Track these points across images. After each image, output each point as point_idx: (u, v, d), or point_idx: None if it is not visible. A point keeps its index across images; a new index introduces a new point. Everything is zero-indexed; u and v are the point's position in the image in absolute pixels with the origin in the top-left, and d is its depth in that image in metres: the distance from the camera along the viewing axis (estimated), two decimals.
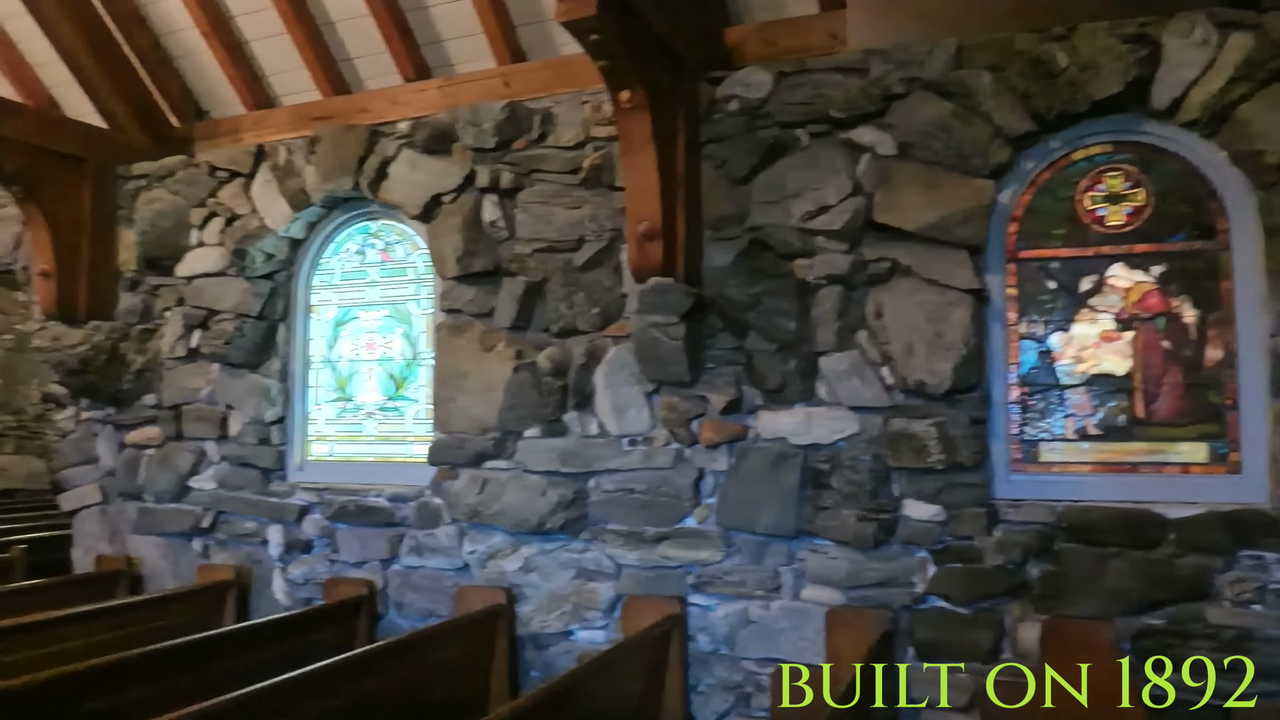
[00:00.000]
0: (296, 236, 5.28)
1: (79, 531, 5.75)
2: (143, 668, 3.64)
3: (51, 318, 5.43)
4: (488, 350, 4.59)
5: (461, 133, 4.70)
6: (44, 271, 5.29)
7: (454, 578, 4.67)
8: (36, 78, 6.16)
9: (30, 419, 12.51)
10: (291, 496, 5.08)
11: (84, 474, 5.70)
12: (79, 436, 5.73)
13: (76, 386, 5.46)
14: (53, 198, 5.31)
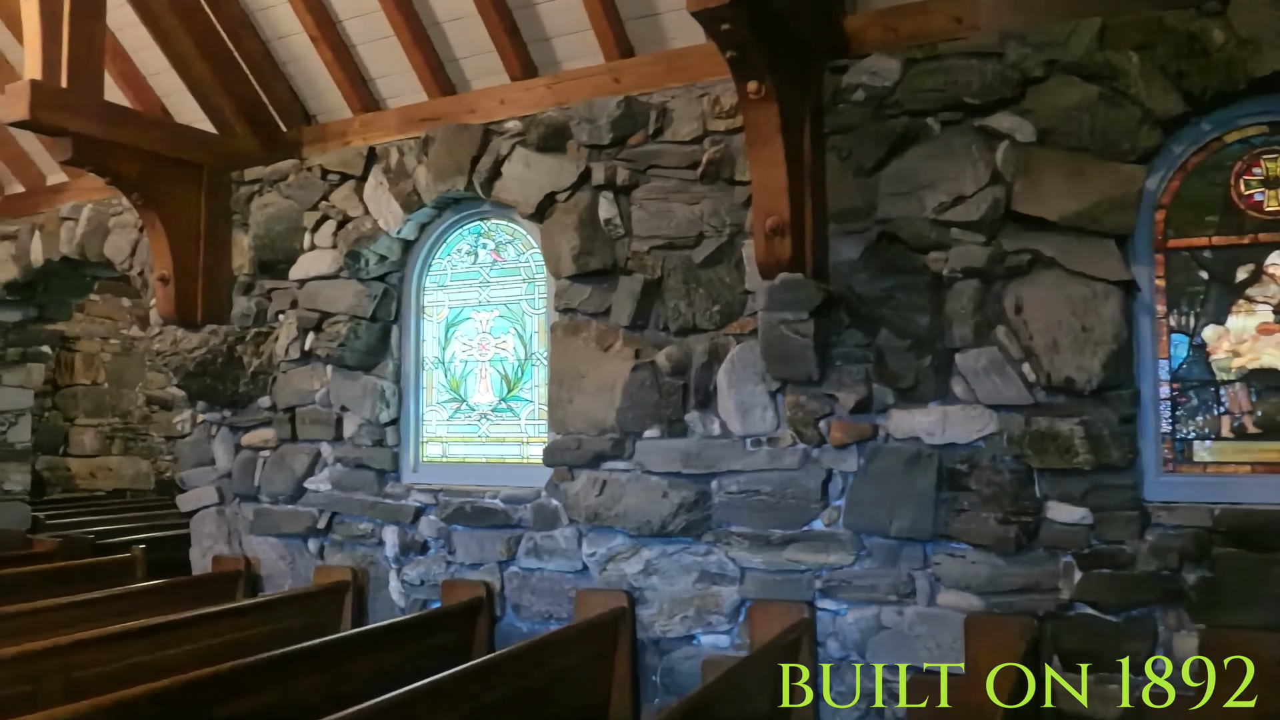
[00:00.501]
0: (408, 238, 5.29)
1: (196, 532, 5.84)
2: (265, 673, 3.65)
3: (170, 322, 5.53)
4: (605, 350, 4.52)
5: (576, 130, 4.64)
6: (163, 277, 5.38)
7: (573, 580, 4.62)
8: (149, 87, 6.29)
9: (136, 421, 12.88)
10: (406, 498, 5.09)
11: (201, 475, 5.79)
12: (196, 439, 5.82)
13: (194, 389, 5.54)
14: (170, 204, 5.39)
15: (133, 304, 12.63)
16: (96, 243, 6.43)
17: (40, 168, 7.51)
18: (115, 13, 5.70)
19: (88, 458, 12.20)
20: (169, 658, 4.26)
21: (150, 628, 4.24)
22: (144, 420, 13.00)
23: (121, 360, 12.68)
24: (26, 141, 7.38)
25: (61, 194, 7.26)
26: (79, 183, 7.17)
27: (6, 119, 4.67)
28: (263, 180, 5.62)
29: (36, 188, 7.54)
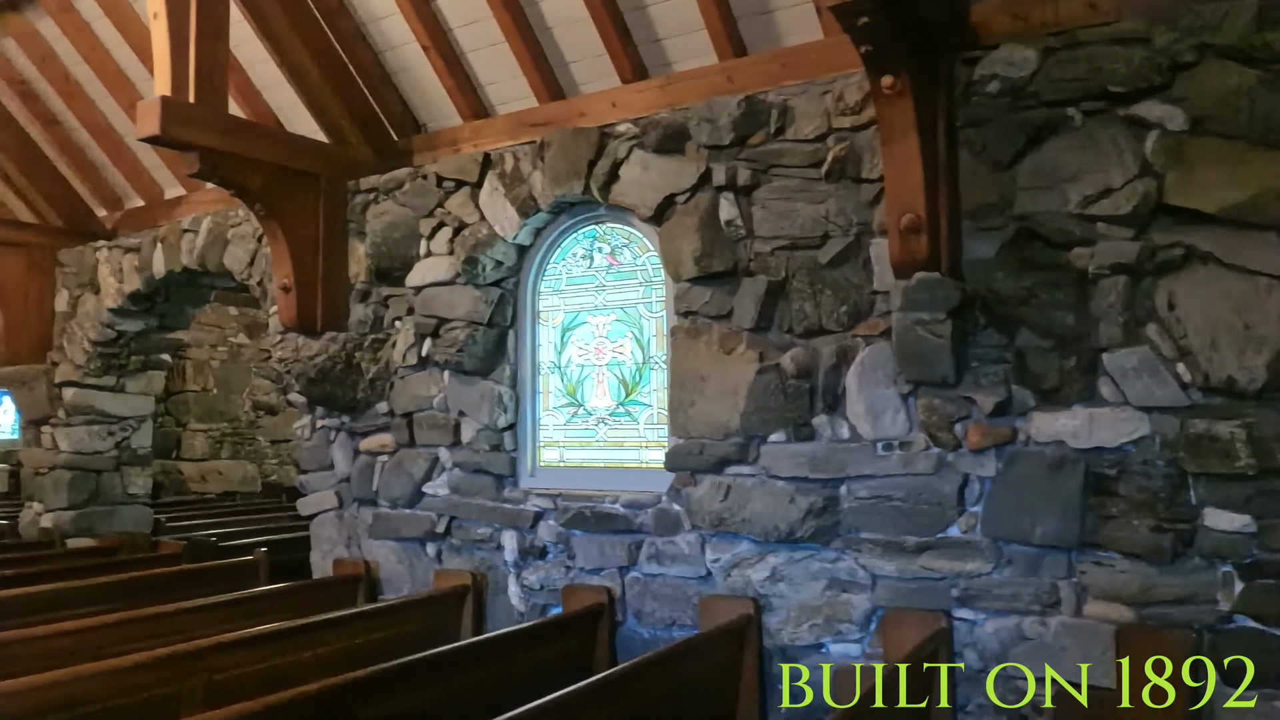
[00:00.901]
0: (523, 243, 5.30)
1: (317, 535, 5.95)
2: (404, 677, 3.67)
3: (291, 329, 5.64)
4: (728, 353, 4.46)
5: (695, 130, 4.59)
6: (284, 285, 5.49)
7: (696, 586, 4.56)
8: (264, 101, 6.44)
9: (243, 426, 13.26)
10: (525, 503, 5.09)
11: (321, 480, 5.89)
12: (315, 444, 5.92)
13: (315, 395, 5.64)
14: (290, 214, 5.50)
15: (239, 312, 13.02)
16: (216, 253, 6.61)
17: (159, 182, 7.76)
18: (233, 29, 5.83)
19: (198, 461, 12.60)
20: (302, 661, 4.33)
21: (283, 631, 4.32)
22: (250, 425, 13.39)
23: (229, 367, 13.08)
24: (146, 156, 7.64)
25: (179, 207, 7.49)
26: (195, 196, 7.40)
27: (140, 134, 4.81)
28: (378, 189, 5.70)
29: (155, 201, 7.79)
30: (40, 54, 7.44)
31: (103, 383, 7.70)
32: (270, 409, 13.52)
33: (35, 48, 7.41)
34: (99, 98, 7.47)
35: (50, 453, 7.72)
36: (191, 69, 4.92)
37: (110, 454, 7.83)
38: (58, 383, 7.69)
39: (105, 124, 7.61)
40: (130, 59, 6.99)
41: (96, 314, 7.51)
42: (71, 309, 7.73)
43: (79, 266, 7.74)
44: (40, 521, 7.73)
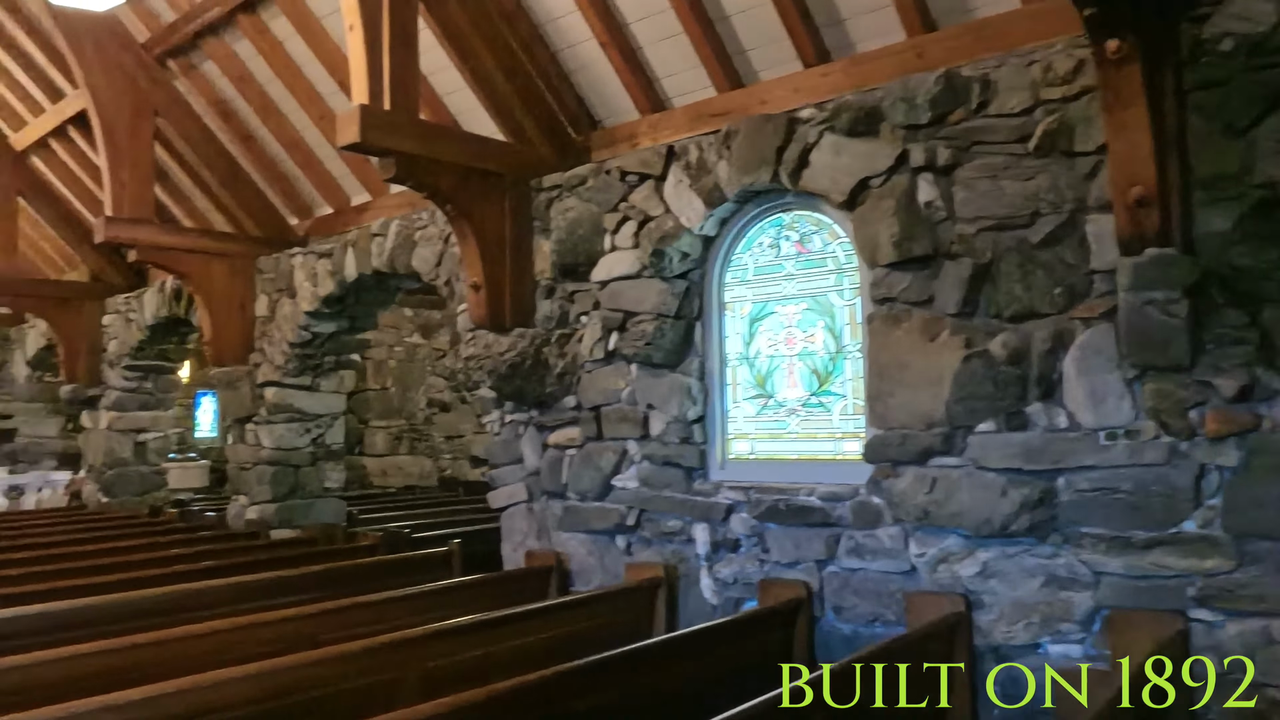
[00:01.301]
0: (709, 234, 5.26)
1: (507, 528, 6.08)
2: (596, 675, 3.65)
3: (481, 327, 5.78)
4: (930, 340, 4.29)
5: (890, 111, 4.44)
6: (474, 284, 5.63)
7: (899, 581, 4.42)
8: (444, 106, 6.63)
9: (420, 423, 13.79)
10: (716, 495, 5.06)
11: (511, 473, 6.02)
12: (505, 438, 6.05)
13: (506, 391, 5.76)
14: (479, 214, 5.64)
15: (414, 314, 13.53)
16: (404, 255, 6.85)
17: (345, 190, 8.12)
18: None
19: (379, 457, 13.17)
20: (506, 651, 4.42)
21: (489, 621, 4.41)
22: (426, 422, 13.91)
23: (405, 366, 13.62)
24: (334, 166, 8.01)
25: (365, 213, 7.82)
26: (380, 201, 7.70)
27: (340, 143, 5.01)
28: (561, 186, 5.77)
29: (343, 209, 8.16)
30: (238, 74, 7.90)
31: (299, 382, 8.13)
32: (444, 406, 14.01)
33: (233, 69, 7.88)
34: (291, 112, 7.87)
35: (254, 449, 8.20)
36: (386, 78, 5.10)
37: (307, 450, 8.26)
38: (259, 383, 8.16)
39: (297, 138, 8.02)
40: (320, 74, 7.33)
41: (293, 317, 7.92)
42: (270, 313, 8.18)
43: (276, 273, 8.19)
44: (246, 514, 8.22)
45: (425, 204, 6.89)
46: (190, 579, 5.65)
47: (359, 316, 8.06)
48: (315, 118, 7.64)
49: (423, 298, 12.97)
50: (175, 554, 6.75)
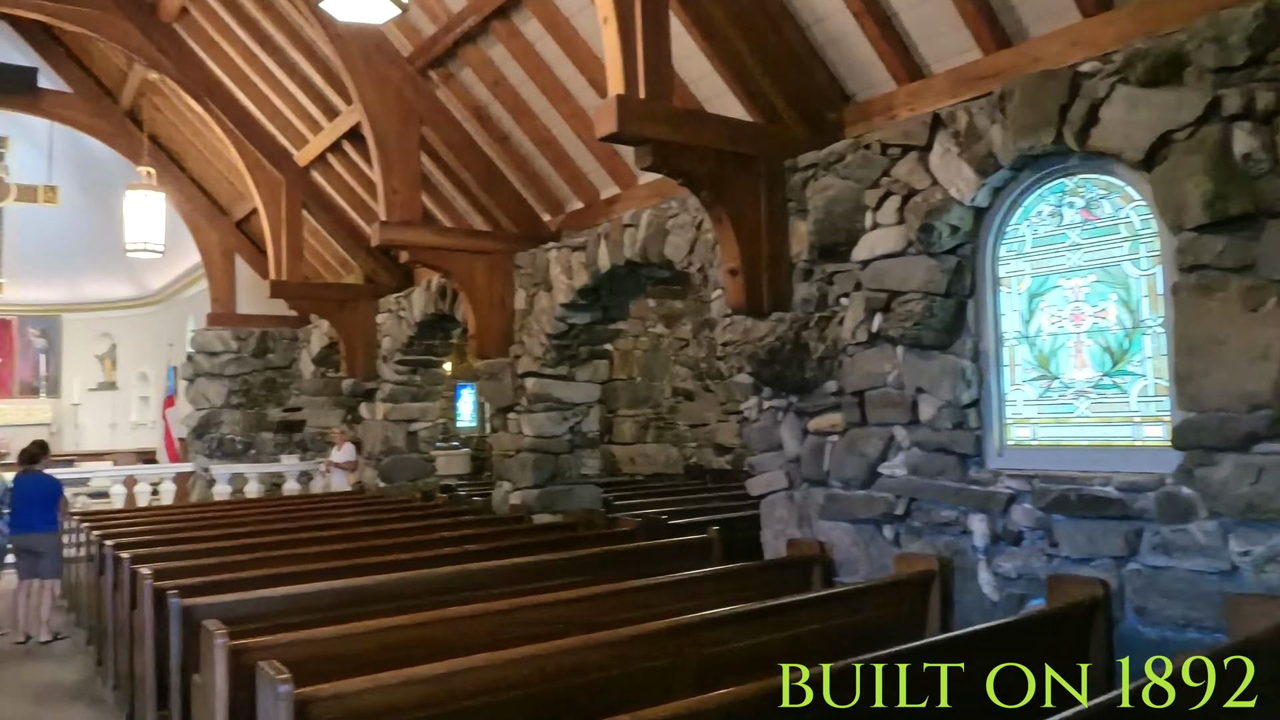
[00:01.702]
0: (981, 205, 4.92)
1: (767, 516, 5.99)
2: (871, 673, 3.45)
3: (739, 312, 5.71)
4: (1252, 310, 3.79)
5: (1196, 54, 3.95)
6: (731, 269, 5.56)
7: (1216, 582, 3.94)
8: (692, 95, 6.61)
9: (665, 411, 13.99)
10: (995, 484, 4.73)
11: (769, 460, 5.92)
12: (763, 424, 5.96)
13: (766, 376, 5.66)
14: (734, 198, 5.56)
15: (658, 304, 13.72)
16: (657, 244, 6.90)
17: (595, 184, 8.30)
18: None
19: (627, 445, 13.46)
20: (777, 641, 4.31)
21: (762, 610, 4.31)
22: (671, 410, 14.09)
23: (650, 356, 13.85)
24: (583, 162, 8.20)
25: (614, 206, 7.95)
26: (628, 194, 7.81)
27: (600, 134, 5.07)
28: (817, 164, 5.59)
29: (592, 202, 8.35)
30: (492, 79, 8.25)
31: (557, 372, 8.40)
32: (688, 395, 14.13)
33: (488, 74, 8.23)
34: (542, 112, 8.13)
35: (516, 437, 8.56)
36: (640, 67, 5.11)
37: (565, 438, 8.52)
38: (520, 374, 8.50)
39: (549, 136, 8.27)
40: (569, 72, 7.52)
41: (550, 309, 8.18)
42: (528, 306, 8.50)
43: (533, 267, 8.49)
44: (510, 499, 8.59)
45: (675, 192, 6.92)
46: (466, 560, 5.94)
47: (611, 307, 8.21)
48: (566, 115, 7.85)
49: (666, 288, 13.13)
50: (450, 535, 7.14)
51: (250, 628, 4.18)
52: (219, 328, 13.90)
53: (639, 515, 7.63)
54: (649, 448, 13.77)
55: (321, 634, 3.78)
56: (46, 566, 7.97)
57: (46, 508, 8.00)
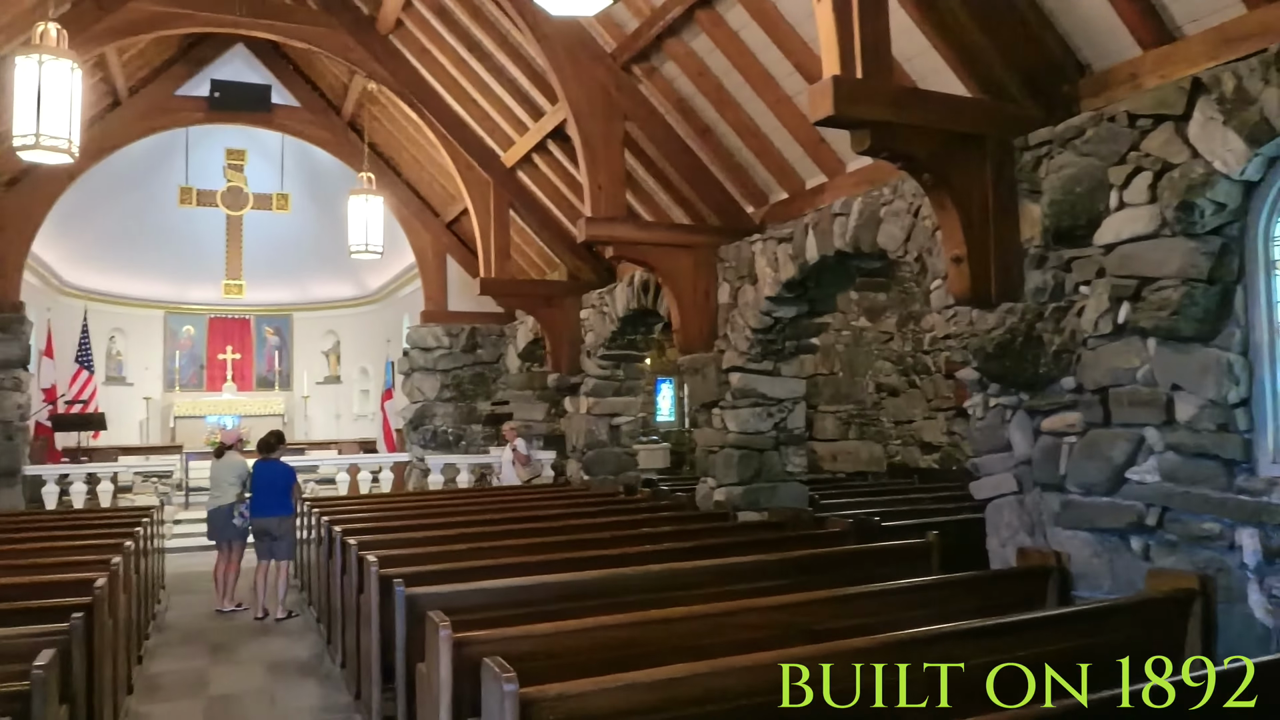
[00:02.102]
0: (1251, 179, 4.37)
1: (993, 521, 5.59)
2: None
3: (963, 302, 5.35)
4: None
5: None
6: (956, 256, 5.21)
7: None
8: (905, 73, 6.26)
9: (868, 407, 13.53)
10: (1269, 494, 4.19)
11: (997, 461, 5.52)
12: (989, 423, 5.56)
13: (993, 371, 5.28)
14: (958, 181, 5.21)
15: (859, 297, 13.28)
16: (869, 233, 6.59)
17: (800, 174, 8.06)
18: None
19: (829, 441, 13.10)
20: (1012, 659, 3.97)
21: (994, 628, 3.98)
22: (874, 407, 13.61)
23: (852, 350, 13.43)
24: (788, 150, 7.97)
25: (820, 195, 7.68)
26: (836, 182, 7.52)
27: (814, 117, 4.85)
28: (1052, 142, 5.15)
29: (797, 193, 8.10)
30: (695, 69, 8.15)
31: (762, 367, 8.21)
32: (892, 391, 13.61)
33: (691, 65, 8.14)
34: (746, 101, 7.96)
35: (720, 432, 8.44)
36: (857, 45, 4.85)
37: (770, 434, 8.33)
38: (724, 368, 8.37)
39: (752, 125, 8.10)
40: (774, 58, 7.31)
41: (755, 303, 8.01)
42: (732, 300, 8.35)
43: (737, 260, 8.34)
44: (714, 495, 8.48)
45: (887, 178, 6.60)
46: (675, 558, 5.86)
47: (818, 300, 7.95)
48: (771, 103, 7.65)
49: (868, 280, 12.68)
50: (654, 531, 7.09)
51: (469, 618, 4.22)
52: (432, 324, 14.53)
53: (847, 516, 7.32)
54: (850, 445, 13.35)
55: (540, 630, 3.77)
56: (281, 548, 8.51)
57: (282, 493, 8.53)
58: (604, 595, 4.90)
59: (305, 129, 14.26)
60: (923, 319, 13.38)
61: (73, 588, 5.02)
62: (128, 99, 13.13)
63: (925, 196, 6.04)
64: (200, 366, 19.74)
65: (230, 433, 9.46)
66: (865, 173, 7.19)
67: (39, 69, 6.54)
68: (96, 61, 11.69)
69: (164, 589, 9.73)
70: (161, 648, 7.47)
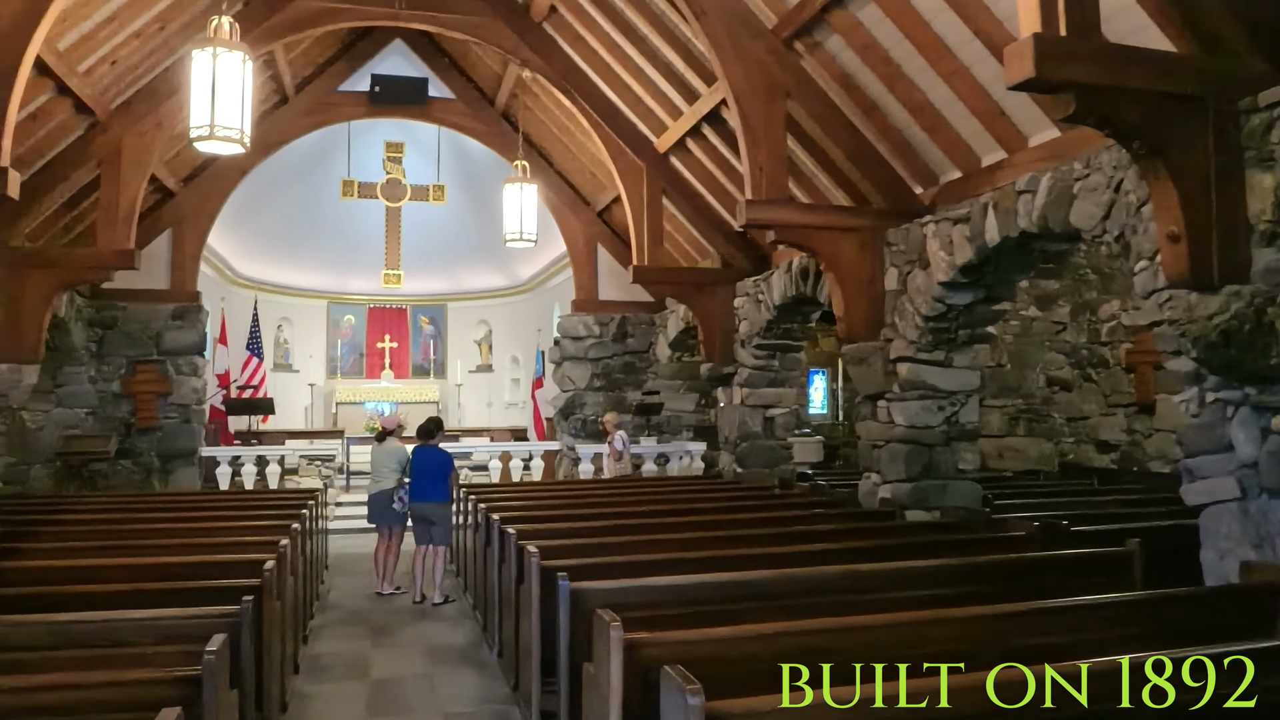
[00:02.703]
0: None
1: (1208, 531, 5.01)
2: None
3: (1179, 285, 4.79)
4: None
5: None
6: (1171, 234, 4.66)
7: None
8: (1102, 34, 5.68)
9: (1038, 402, 12.73)
10: None
11: (1214, 464, 4.93)
12: (1206, 420, 4.97)
13: (1216, 362, 4.70)
14: (1174, 148, 4.65)
15: (1029, 284, 12.49)
16: (1060, 211, 6.05)
17: (976, 151, 7.53)
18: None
19: (995, 438, 12.39)
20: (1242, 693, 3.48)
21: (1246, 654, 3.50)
22: (1044, 402, 12.79)
23: (1021, 341, 12.65)
24: (963, 125, 7.46)
25: (997, 173, 7.15)
26: (1017, 158, 6.98)
27: (1010, 81, 4.42)
28: None
29: (972, 171, 7.58)
30: (861, 43, 7.72)
31: (933, 357, 7.72)
32: (1064, 385, 12.75)
33: (857, 37, 7.71)
34: (916, 73, 7.49)
35: (886, 426, 8.00)
36: None
37: (940, 428, 7.83)
38: (892, 358, 7.91)
39: (923, 100, 7.61)
40: (950, 23, 6.83)
41: (926, 289, 7.53)
42: (901, 285, 7.89)
43: (906, 243, 7.87)
44: (878, 492, 8.05)
45: (1077, 151, 6.05)
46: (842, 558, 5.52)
47: (995, 285, 7.40)
48: (945, 74, 7.16)
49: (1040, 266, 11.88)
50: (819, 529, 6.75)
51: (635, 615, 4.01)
52: (582, 313, 14.51)
53: (1027, 518, 6.77)
54: (1018, 441, 12.58)
55: (717, 634, 3.51)
56: (438, 534, 8.56)
57: (439, 479, 8.59)
58: (774, 597, 4.61)
59: (460, 120, 14.45)
60: (1099, 308, 12.46)
61: (243, 569, 5.08)
62: (294, 96, 13.59)
63: (1127, 170, 5.49)
64: (360, 354, 20.41)
65: (391, 418, 9.58)
66: (1051, 146, 6.62)
67: (213, 62, 6.70)
68: (266, 60, 12.11)
69: (327, 569, 9.98)
70: (325, 628, 7.61)
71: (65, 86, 9.13)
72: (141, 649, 3.92)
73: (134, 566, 5.41)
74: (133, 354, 12.47)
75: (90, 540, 6.51)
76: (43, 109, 9.30)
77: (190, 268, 13.02)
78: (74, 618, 4.02)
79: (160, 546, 6.18)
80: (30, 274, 9.56)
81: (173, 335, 12.66)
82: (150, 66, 10.30)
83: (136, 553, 5.97)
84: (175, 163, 12.70)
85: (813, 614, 4.41)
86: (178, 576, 5.21)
